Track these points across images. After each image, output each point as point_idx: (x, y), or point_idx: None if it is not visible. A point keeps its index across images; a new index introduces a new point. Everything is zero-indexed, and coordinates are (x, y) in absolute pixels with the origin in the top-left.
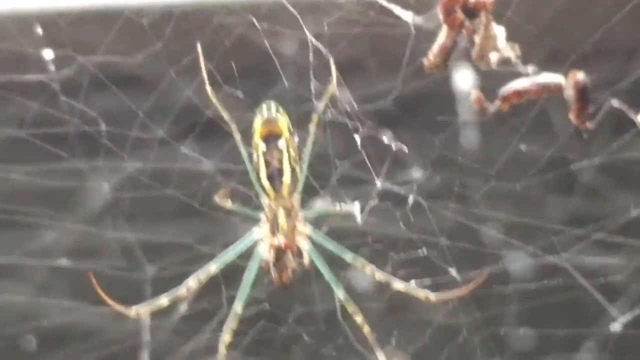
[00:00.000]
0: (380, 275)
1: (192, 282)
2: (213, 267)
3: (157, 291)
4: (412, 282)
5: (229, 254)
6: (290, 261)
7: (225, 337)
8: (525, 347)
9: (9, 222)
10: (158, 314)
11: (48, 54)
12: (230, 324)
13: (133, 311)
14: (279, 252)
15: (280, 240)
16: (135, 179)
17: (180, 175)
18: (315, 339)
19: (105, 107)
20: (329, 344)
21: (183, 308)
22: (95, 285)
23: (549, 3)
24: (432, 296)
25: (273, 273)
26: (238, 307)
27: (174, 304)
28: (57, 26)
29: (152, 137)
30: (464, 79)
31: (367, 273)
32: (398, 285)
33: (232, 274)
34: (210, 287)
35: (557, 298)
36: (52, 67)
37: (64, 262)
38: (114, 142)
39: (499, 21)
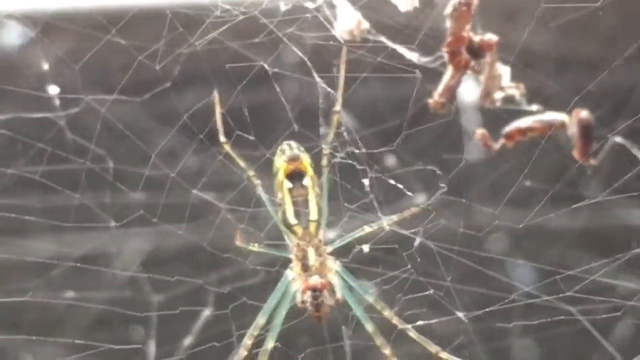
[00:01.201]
0: (397, 321)
1: (247, 340)
2: (261, 320)
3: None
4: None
5: (272, 303)
6: (327, 298)
7: None
8: None
9: None
10: None
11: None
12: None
13: None
14: (315, 291)
15: (315, 280)
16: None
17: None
18: None
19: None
20: None
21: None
22: None
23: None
24: (443, 354)
25: (310, 311)
26: (270, 343)
27: None
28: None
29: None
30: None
31: (385, 315)
32: (412, 334)
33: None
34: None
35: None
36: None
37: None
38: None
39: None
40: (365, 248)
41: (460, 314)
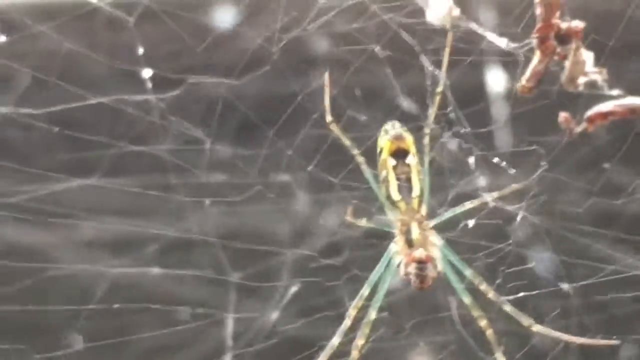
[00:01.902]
0: (492, 295)
1: (352, 311)
2: (366, 291)
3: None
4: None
5: (376, 275)
6: (431, 270)
7: (359, 342)
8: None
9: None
10: None
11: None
12: (364, 330)
13: None
14: (420, 263)
15: (420, 253)
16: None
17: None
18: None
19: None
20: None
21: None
22: None
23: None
24: (535, 327)
25: (414, 282)
26: (372, 314)
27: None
28: None
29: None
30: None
31: (482, 289)
32: (507, 307)
33: None
34: None
35: None
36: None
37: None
38: None
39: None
40: (470, 223)
41: (564, 285)
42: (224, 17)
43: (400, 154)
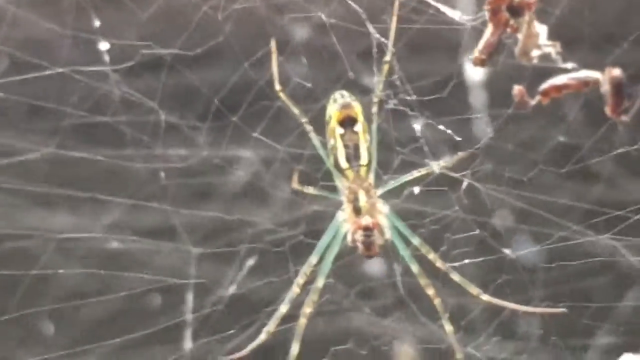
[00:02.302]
0: (440, 264)
1: (300, 279)
2: (314, 259)
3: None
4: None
5: (324, 242)
6: (377, 237)
7: (307, 309)
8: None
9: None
10: None
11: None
12: (312, 297)
13: (263, 335)
14: (366, 230)
15: (367, 220)
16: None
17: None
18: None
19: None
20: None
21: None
22: None
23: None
24: (484, 297)
25: (361, 249)
26: (320, 282)
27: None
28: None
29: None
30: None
31: (430, 258)
32: (455, 276)
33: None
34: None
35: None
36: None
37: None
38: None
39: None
40: (416, 190)
41: (507, 251)
42: None
43: (348, 123)
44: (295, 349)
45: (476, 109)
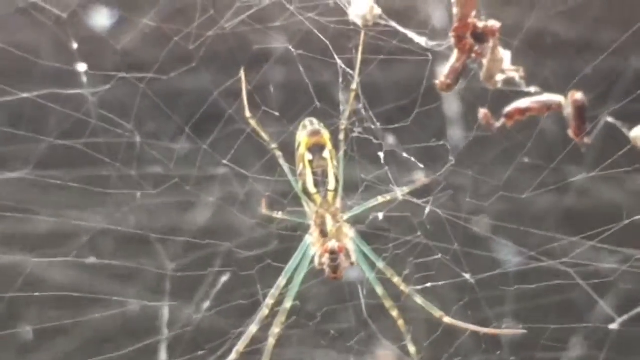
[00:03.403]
0: (403, 287)
1: (269, 300)
2: (283, 281)
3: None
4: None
5: (292, 265)
6: (343, 261)
7: (275, 330)
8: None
9: None
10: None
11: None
12: (280, 318)
13: (234, 354)
14: (333, 254)
15: (333, 244)
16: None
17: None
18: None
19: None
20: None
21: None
22: None
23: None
24: (447, 319)
25: (328, 272)
26: (288, 303)
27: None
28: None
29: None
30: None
31: (394, 282)
32: (417, 299)
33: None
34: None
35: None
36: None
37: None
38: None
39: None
40: (380, 216)
41: (467, 275)
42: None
43: (317, 149)
44: None
45: (439, 135)
